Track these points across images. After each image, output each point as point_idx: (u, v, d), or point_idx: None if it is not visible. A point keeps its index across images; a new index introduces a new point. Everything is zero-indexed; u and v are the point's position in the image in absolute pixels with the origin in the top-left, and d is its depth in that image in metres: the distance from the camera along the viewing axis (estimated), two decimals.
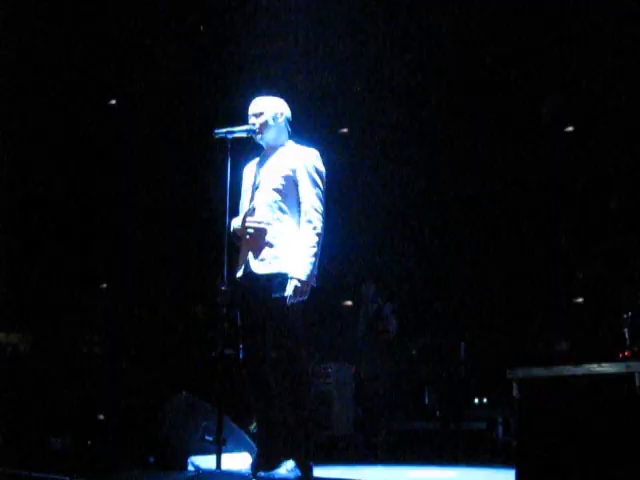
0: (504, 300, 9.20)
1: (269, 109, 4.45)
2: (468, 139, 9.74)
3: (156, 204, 9.97)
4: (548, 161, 9.45)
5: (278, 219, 4.28)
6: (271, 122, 4.43)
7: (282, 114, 4.48)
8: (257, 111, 4.44)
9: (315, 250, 4.20)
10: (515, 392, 7.13)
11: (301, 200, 4.28)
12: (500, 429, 7.48)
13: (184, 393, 5.30)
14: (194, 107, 9.67)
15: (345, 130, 10.68)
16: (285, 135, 4.50)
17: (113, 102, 9.79)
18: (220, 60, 9.91)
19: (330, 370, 8.50)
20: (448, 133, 10.00)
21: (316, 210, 4.26)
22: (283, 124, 4.48)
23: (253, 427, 5.29)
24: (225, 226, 4.25)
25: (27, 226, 9.14)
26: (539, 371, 6.90)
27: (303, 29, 10.08)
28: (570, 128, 9.74)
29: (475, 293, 9.55)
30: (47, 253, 9.22)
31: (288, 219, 4.29)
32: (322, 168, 4.37)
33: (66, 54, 8.95)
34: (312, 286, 4.19)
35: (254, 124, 4.40)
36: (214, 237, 4.56)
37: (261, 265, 4.25)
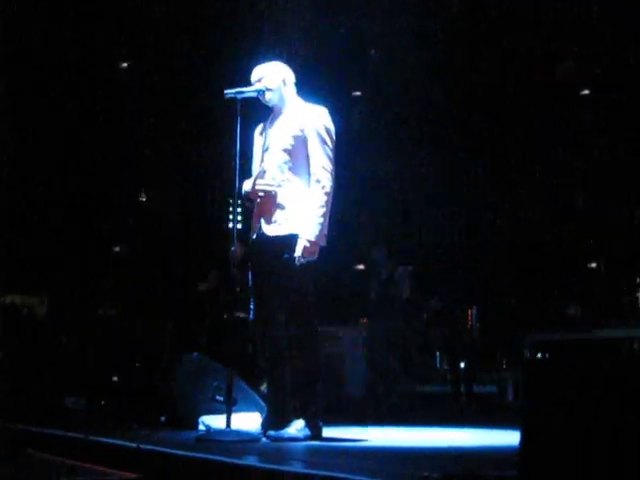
0: (516, 264, 9.19)
1: (271, 73, 4.43)
2: (482, 98, 9.66)
3: (168, 168, 9.98)
4: (566, 123, 9.38)
5: (288, 180, 4.27)
6: (275, 84, 4.40)
7: (285, 76, 4.45)
8: (259, 77, 4.42)
9: (324, 210, 4.19)
10: (526, 355, 7.18)
11: (310, 159, 4.27)
12: (510, 392, 7.52)
13: (195, 354, 5.35)
14: (203, 73, 9.64)
15: (358, 93, 10.61)
16: (291, 95, 4.46)
17: (124, 65, 9.77)
18: (227, 26, 9.86)
19: (341, 333, 8.52)
20: (462, 96, 9.92)
21: (325, 169, 4.24)
22: (288, 85, 4.45)
23: (263, 387, 5.33)
24: (235, 189, 4.25)
25: (42, 189, 9.18)
26: (550, 335, 6.93)
27: None
28: (587, 91, 9.66)
29: (488, 256, 9.53)
30: (62, 216, 9.27)
31: (298, 180, 4.28)
32: (331, 125, 4.35)
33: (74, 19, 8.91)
34: (322, 246, 4.19)
35: (264, 85, 4.38)
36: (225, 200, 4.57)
37: (272, 227, 4.26)
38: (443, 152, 10.02)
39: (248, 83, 4.42)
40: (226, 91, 4.30)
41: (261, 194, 4.26)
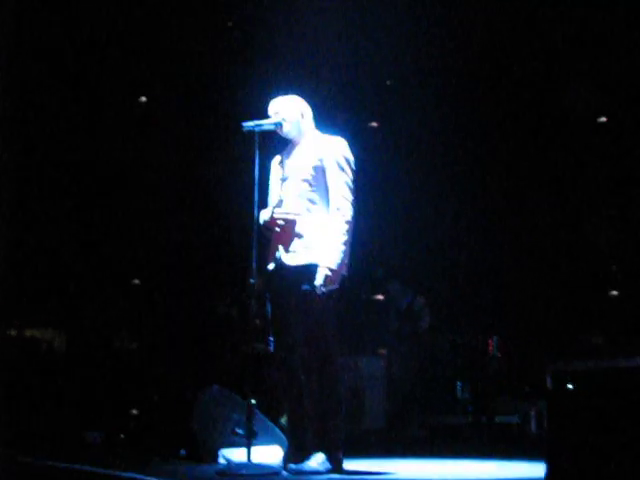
0: (538, 293, 9.11)
1: (287, 106, 4.46)
2: (499, 132, 9.65)
3: (185, 199, 10.02)
4: (582, 151, 9.35)
5: (307, 210, 4.27)
6: (292, 117, 4.42)
7: (303, 107, 4.48)
8: (278, 107, 4.45)
9: (345, 238, 4.18)
10: (549, 385, 7.08)
11: (330, 189, 4.27)
12: (534, 422, 7.42)
13: (214, 386, 5.33)
14: (221, 102, 9.70)
15: (375, 124, 10.63)
16: (309, 127, 4.48)
17: (143, 99, 9.85)
18: (247, 56, 9.95)
19: (361, 363, 8.48)
20: (478, 128, 9.92)
21: (345, 198, 4.24)
22: (306, 117, 4.47)
23: (283, 420, 5.29)
24: (254, 219, 4.25)
25: (62, 222, 9.22)
26: (573, 364, 6.85)
27: (334, 25, 10.08)
28: (603, 119, 9.63)
29: (509, 285, 9.46)
30: (80, 249, 9.30)
31: (317, 209, 4.28)
32: (350, 155, 4.35)
33: (90, 46, 8.99)
34: (343, 275, 4.17)
35: (283, 118, 4.40)
36: (244, 231, 4.56)
37: (291, 257, 4.25)
38: (460, 182, 10.01)
39: (265, 115, 4.45)
40: (244, 124, 4.32)
41: (280, 222, 4.26)
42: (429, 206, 10.14)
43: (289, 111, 4.43)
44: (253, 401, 4.15)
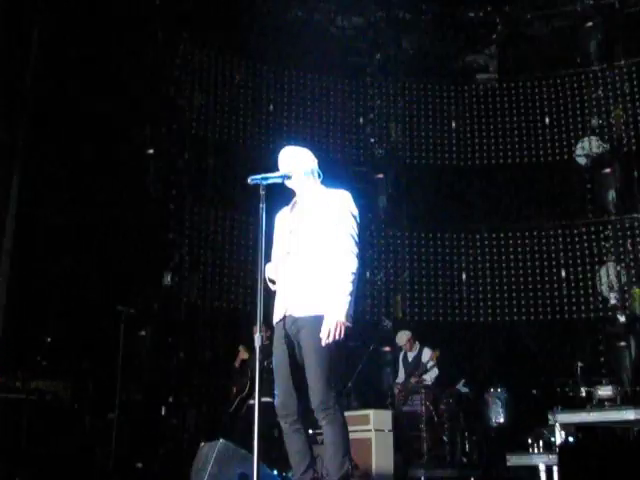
0: (544, 345, 9.08)
1: (297, 156, 4.52)
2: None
3: (192, 251, 10.07)
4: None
5: (313, 262, 4.30)
6: (300, 168, 4.47)
7: (310, 161, 4.54)
8: (286, 158, 4.50)
9: (349, 290, 4.20)
10: (557, 438, 7.01)
11: (335, 241, 4.30)
12: (543, 476, 7.32)
13: (220, 440, 5.28)
14: (228, 155, 9.83)
15: (381, 175, 10.73)
16: (316, 180, 4.54)
17: (151, 151, 9.96)
18: (252, 111, 10.11)
19: (369, 416, 8.41)
20: (487, 180, 10.04)
21: (350, 250, 4.27)
22: (313, 170, 4.53)
23: (291, 474, 5.23)
24: (260, 272, 4.26)
25: (67, 274, 9.24)
26: (581, 416, 6.79)
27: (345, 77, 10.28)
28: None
29: (514, 339, 9.44)
30: (87, 302, 9.30)
31: (322, 261, 4.30)
32: (355, 209, 4.40)
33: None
34: (348, 326, 4.18)
35: (285, 171, 4.45)
36: (250, 283, 4.58)
37: (298, 308, 4.26)
38: (468, 233, 10.07)
39: (274, 166, 4.50)
40: (251, 177, 4.35)
41: (287, 275, 4.28)
42: (436, 260, 10.19)
43: (297, 164, 4.48)
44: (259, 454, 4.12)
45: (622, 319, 9.55)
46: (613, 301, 9.64)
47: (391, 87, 10.81)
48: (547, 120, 10.41)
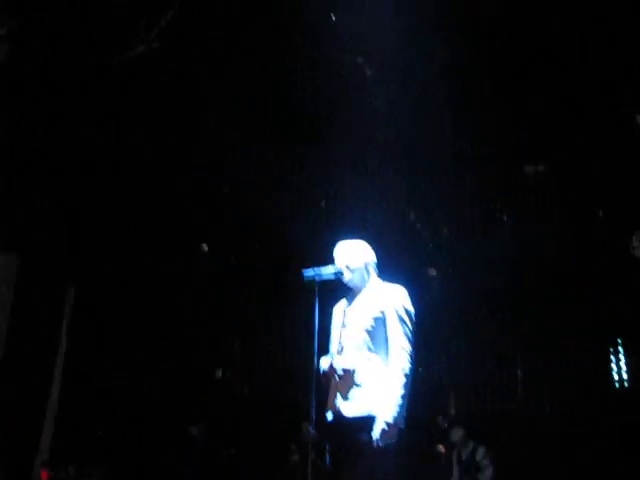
0: (604, 443, 8.79)
1: (354, 252, 4.51)
2: (556, 270, 9.66)
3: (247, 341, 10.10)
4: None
5: (367, 359, 4.25)
6: (356, 264, 4.46)
7: (367, 256, 4.53)
8: (343, 254, 4.49)
9: (403, 392, 4.13)
10: None
11: (389, 340, 4.26)
12: None
13: None
14: (283, 245, 9.92)
15: (434, 272, 10.70)
16: (371, 276, 4.52)
17: (205, 247, 10.12)
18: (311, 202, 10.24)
19: None
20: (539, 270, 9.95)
21: (404, 349, 4.22)
22: (369, 265, 4.51)
23: None
24: (314, 366, 4.23)
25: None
26: None
27: (395, 172, 10.40)
28: None
29: (571, 438, 9.16)
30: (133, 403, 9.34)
31: (376, 359, 4.25)
32: (410, 306, 4.36)
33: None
34: (400, 428, 4.09)
35: (340, 266, 4.44)
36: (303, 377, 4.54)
37: (349, 407, 4.20)
38: (522, 327, 9.93)
39: (331, 258, 4.49)
40: (305, 272, 4.35)
41: (340, 372, 4.24)
42: (491, 354, 10.04)
43: (353, 259, 4.47)
44: None
45: None
46: None
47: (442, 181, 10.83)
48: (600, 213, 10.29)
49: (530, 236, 10.01)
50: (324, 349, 4.44)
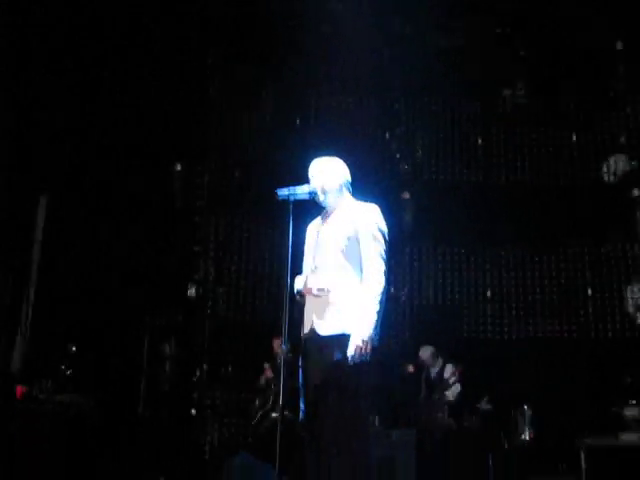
0: (571, 364, 8.98)
1: (329, 170, 4.49)
2: (530, 200, 9.70)
3: (219, 264, 10.08)
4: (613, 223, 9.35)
5: (341, 278, 4.28)
6: (331, 184, 4.45)
7: (342, 175, 4.52)
8: (318, 173, 4.48)
9: (377, 309, 4.17)
10: (582, 462, 6.92)
11: (363, 259, 4.28)
12: None
13: (243, 453, 5.28)
14: (257, 165, 9.86)
15: (406, 192, 10.69)
16: (346, 194, 4.52)
17: (178, 168, 10.00)
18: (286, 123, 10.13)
19: (392, 434, 8.35)
20: (511, 194, 9.98)
21: (377, 269, 4.25)
22: (343, 184, 4.51)
23: None
24: (287, 285, 4.25)
25: (92, 286, 9.27)
26: (608, 440, 6.68)
27: (371, 94, 10.30)
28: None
29: (540, 357, 9.34)
30: (111, 313, 9.33)
31: (350, 278, 4.28)
32: (383, 225, 4.38)
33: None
34: (374, 346, 4.15)
35: (315, 187, 4.43)
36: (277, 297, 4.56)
37: (323, 325, 4.24)
38: (492, 250, 10.00)
39: (305, 176, 4.47)
40: (278, 192, 4.33)
41: (314, 291, 4.27)
42: (462, 275, 10.13)
43: (330, 177, 4.47)
44: (281, 469, 4.10)
45: None
46: None
47: (418, 103, 10.76)
48: (574, 137, 10.31)
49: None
50: (298, 269, 4.46)
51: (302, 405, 4.32)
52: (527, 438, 8.51)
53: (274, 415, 7.89)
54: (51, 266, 8.59)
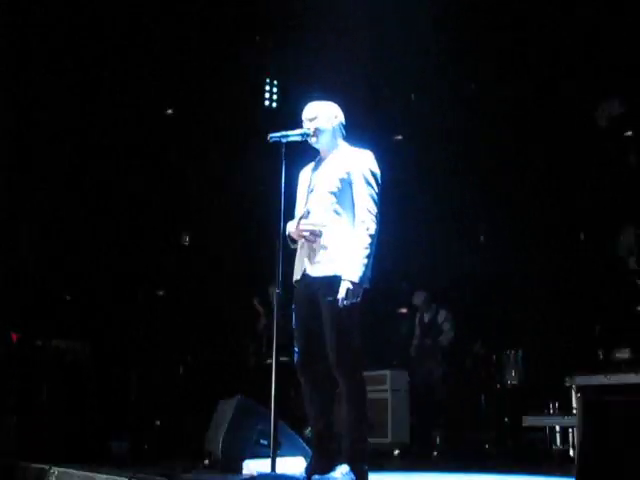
0: (562, 307, 9.03)
1: (323, 113, 4.45)
2: (524, 143, 9.62)
3: (212, 210, 10.07)
4: (610, 167, 9.28)
5: (333, 222, 4.27)
6: (325, 126, 4.42)
7: (336, 117, 4.48)
8: (311, 116, 4.44)
9: (368, 252, 4.17)
10: (574, 400, 7.01)
11: (355, 202, 4.27)
12: (559, 437, 7.34)
13: (238, 396, 5.32)
14: (251, 111, 9.79)
15: (399, 137, 10.65)
16: (339, 138, 4.48)
17: (169, 111, 9.95)
18: (278, 65, 10.05)
19: (385, 376, 8.45)
20: (504, 139, 9.89)
21: (370, 212, 4.24)
22: (337, 128, 4.47)
23: (308, 431, 5.27)
24: (280, 230, 4.24)
25: (84, 235, 9.28)
26: (599, 379, 6.76)
27: (363, 37, 10.18)
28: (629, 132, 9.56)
29: (533, 300, 9.39)
30: (104, 261, 9.35)
31: (343, 221, 4.28)
32: (376, 169, 4.35)
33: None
34: (365, 288, 4.17)
35: (308, 128, 4.41)
36: (270, 241, 4.55)
37: (316, 268, 4.25)
38: (485, 195, 9.98)
39: (299, 119, 4.44)
40: (271, 135, 4.31)
41: (305, 234, 4.26)
42: (454, 220, 10.12)
43: (324, 119, 4.43)
44: (277, 411, 4.14)
45: None
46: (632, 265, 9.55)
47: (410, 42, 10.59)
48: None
49: (492, 104, 9.94)
50: (291, 213, 4.45)
51: (296, 348, 4.35)
52: (517, 379, 8.61)
53: (268, 360, 7.98)
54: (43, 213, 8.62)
